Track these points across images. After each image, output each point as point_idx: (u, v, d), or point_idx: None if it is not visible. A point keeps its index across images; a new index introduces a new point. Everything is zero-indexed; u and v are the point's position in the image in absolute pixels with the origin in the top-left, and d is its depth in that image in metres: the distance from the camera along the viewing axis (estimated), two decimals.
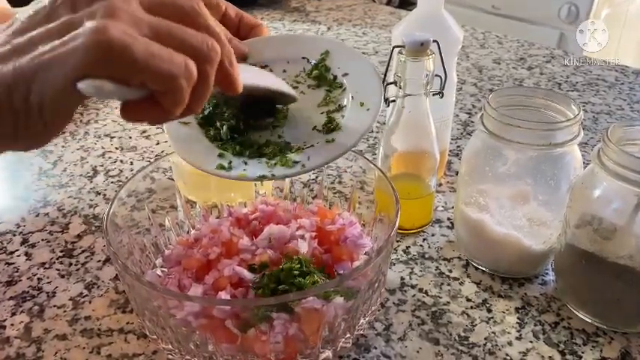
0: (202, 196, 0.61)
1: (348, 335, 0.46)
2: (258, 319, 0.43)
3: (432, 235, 0.63)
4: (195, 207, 0.60)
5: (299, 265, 0.46)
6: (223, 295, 0.46)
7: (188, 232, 0.58)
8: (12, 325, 0.51)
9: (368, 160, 0.56)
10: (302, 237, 0.51)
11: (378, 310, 0.51)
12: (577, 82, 1.01)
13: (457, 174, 0.73)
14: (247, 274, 0.47)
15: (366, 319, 0.47)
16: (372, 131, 0.85)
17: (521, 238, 0.53)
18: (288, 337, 0.43)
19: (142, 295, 0.44)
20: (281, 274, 0.46)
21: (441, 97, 0.57)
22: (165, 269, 0.53)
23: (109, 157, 0.78)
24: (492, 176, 0.53)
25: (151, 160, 0.77)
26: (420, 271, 0.57)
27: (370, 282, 0.45)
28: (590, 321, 0.51)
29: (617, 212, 0.46)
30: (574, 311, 0.51)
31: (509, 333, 0.50)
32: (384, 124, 0.65)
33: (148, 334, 0.46)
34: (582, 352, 0.48)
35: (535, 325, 0.51)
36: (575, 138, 0.50)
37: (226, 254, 0.50)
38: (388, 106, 0.58)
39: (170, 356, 0.46)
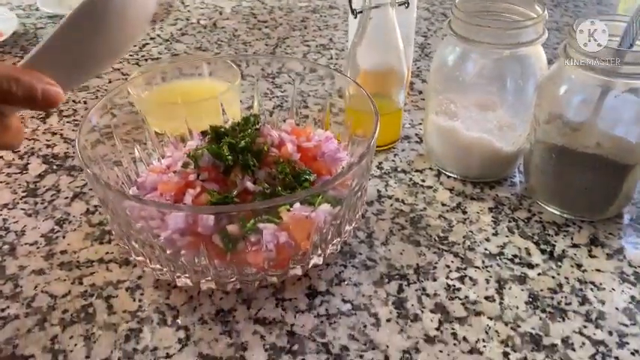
0: (170, 127, 0.59)
1: (336, 240, 0.46)
2: (246, 231, 0.43)
3: (402, 150, 0.63)
4: (163, 138, 0.58)
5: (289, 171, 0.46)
6: (205, 216, 0.45)
7: (159, 161, 0.57)
8: None
9: (342, 73, 0.56)
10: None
11: (360, 220, 0.52)
12: None
13: (420, 93, 0.74)
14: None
15: (352, 225, 0.47)
16: (334, 57, 0.84)
17: (492, 141, 0.54)
18: (280, 245, 0.43)
19: (125, 218, 0.43)
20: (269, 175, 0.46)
21: (407, 7, 0.57)
22: (140, 196, 0.52)
23: None
24: (461, 83, 0.54)
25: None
26: (395, 183, 0.58)
27: (354, 188, 0.45)
28: (559, 213, 0.53)
29: (584, 104, 0.48)
30: (544, 206, 0.54)
31: (485, 230, 0.52)
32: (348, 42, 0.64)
33: (134, 256, 0.45)
34: (555, 242, 0.51)
35: (509, 221, 0.53)
36: (540, 37, 0.51)
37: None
38: (355, 17, 0.57)
39: (161, 275, 0.45)
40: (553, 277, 0.47)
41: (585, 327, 0.43)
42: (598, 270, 0.48)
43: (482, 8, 0.55)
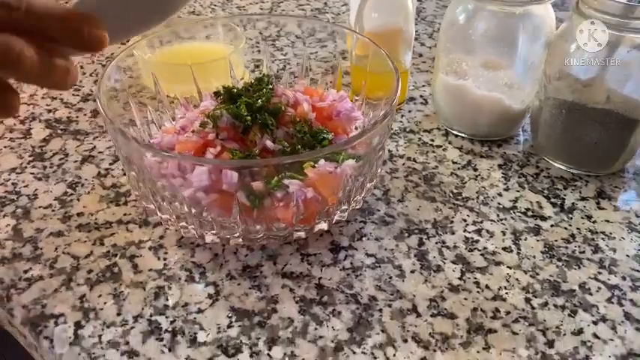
0: (178, 89, 0.59)
1: (359, 197, 0.47)
2: (271, 187, 0.43)
3: (409, 111, 0.64)
4: (173, 100, 0.58)
5: (307, 130, 0.46)
6: (229, 172, 0.45)
7: (170, 121, 0.56)
8: None
9: (352, 30, 0.56)
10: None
11: (378, 178, 0.53)
12: None
13: (420, 56, 0.74)
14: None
15: (372, 182, 0.48)
16: (330, 22, 0.84)
17: (502, 99, 0.56)
18: (307, 200, 0.43)
19: (150, 175, 0.43)
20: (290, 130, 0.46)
21: None
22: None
23: None
24: (472, 42, 0.55)
25: (103, 63, 0.72)
26: (405, 143, 0.59)
27: (377, 145, 0.45)
28: (565, 168, 0.55)
29: (595, 60, 0.49)
30: (551, 162, 0.56)
31: (496, 186, 0.53)
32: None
33: (159, 214, 0.45)
34: (564, 196, 0.52)
35: (519, 177, 0.55)
36: None
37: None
38: None
39: (186, 233, 0.45)
40: (565, 228, 0.49)
41: (600, 273, 0.45)
42: (607, 221, 0.50)
43: None
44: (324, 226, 0.46)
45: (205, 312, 0.42)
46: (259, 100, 0.50)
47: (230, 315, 0.41)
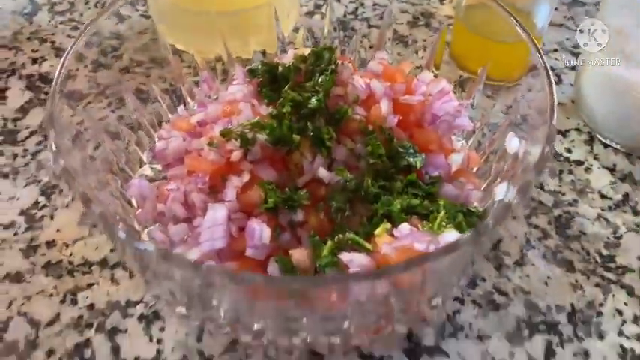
0: (199, 44, 0.41)
1: (462, 281, 0.30)
2: (322, 265, 0.27)
3: (529, 91, 0.44)
4: (190, 64, 0.40)
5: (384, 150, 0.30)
6: (257, 228, 0.28)
7: (184, 103, 0.39)
8: None
9: None
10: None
11: None
12: None
13: None
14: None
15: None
16: None
17: None
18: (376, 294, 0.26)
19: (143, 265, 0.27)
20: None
21: None
22: (158, 167, 0.35)
23: None
24: None
25: None
26: None
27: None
28: None
29: None
30: None
31: None
32: None
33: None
34: None
35: None
36: None
37: None
38: None
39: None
40: None
41: None
42: None
43: None
44: (401, 329, 0.29)
45: None
46: (314, 99, 0.32)
47: None
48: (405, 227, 0.28)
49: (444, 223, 0.28)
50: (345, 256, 0.27)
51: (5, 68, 0.46)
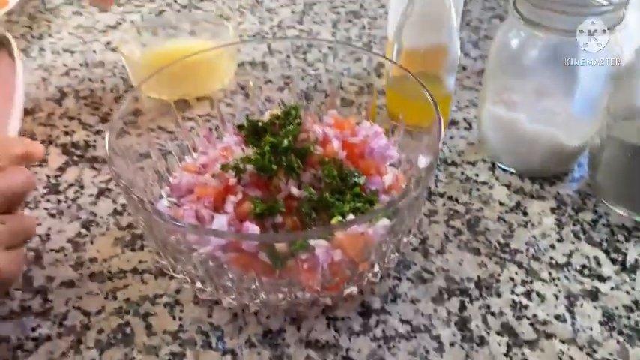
0: (175, 93, 0.54)
1: (394, 256, 0.42)
2: (296, 249, 0.39)
3: (451, 138, 0.58)
4: (194, 125, 0.54)
5: (337, 173, 0.42)
6: (250, 227, 0.41)
7: (190, 154, 0.52)
8: None
9: (383, 56, 0.50)
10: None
11: (417, 228, 0.48)
12: None
13: (464, 69, 0.68)
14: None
15: (410, 236, 0.43)
16: (366, 27, 0.78)
17: (557, 135, 0.49)
18: (334, 264, 0.39)
19: (162, 232, 0.39)
20: (315, 197, 0.41)
21: None
22: (174, 199, 0.48)
23: (75, 76, 0.69)
24: (525, 70, 0.48)
25: (124, 76, 0.68)
26: (446, 177, 0.54)
27: (416, 197, 0.40)
28: (627, 215, 0.49)
29: None
30: (611, 207, 0.49)
31: (549, 236, 0.48)
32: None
33: (172, 273, 0.41)
34: (626, 249, 0.47)
35: (574, 224, 0.49)
36: (620, 22, 0.45)
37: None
38: None
39: (203, 295, 0.41)
40: (627, 293, 0.43)
41: None
42: None
43: None
44: (353, 290, 0.41)
45: None
46: (285, 141, 0.45)
47: None
48: (351, 217, 0.40)
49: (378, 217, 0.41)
50: (312, 242, 0.39)
51: (44, 140, 0.59)
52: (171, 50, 0.68)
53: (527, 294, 0.43)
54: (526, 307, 0.42)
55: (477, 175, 0.54)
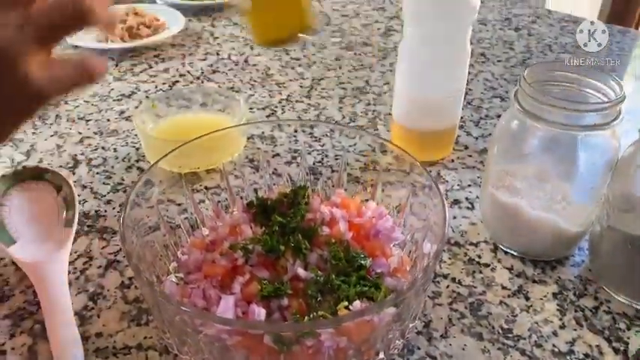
0: (186, 165, 0.56)
1: (399, 342, 0.42)
2: (302, 335, 0.39)
3: (454, 217, 0.60)
4: (204, 199, 0.55)
5: (343, 255, 0.43)
6: (257, 309, 0.41)
7: (199, 227, 0.53)
8: (13, 348, 0.46)
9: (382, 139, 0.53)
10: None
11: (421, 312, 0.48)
12: (566, 44, 1.00)
13: (466, 148, 0.70)
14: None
15: (415, 321, 0.44)
16: (372, 103, 0.81)
17: (558, 221, 0.51)
18: (339, 350, 0.39)
19: (169, 313, 0.40)
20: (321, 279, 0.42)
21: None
22: (182, 275, 0.48)
23: (89, 144, 0.71)
24: (526, 158, 0.50)
25: (136, 146, 0.70)
26: (449, 258, 0.55)
27: (422, 283, 0.41)
28: (628, 303, 0.49)
29: None
30: (612, 294, 0.50)
31: (551, 322, 0.48)
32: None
33: (177, 352, 0.41)
34: (628, 338, 0.47)
35: (575, 311, 0.49)
36: (618, 117, 0.47)
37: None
38: None
39: None
40: None
41: None
42: None
43: (550, 78, 0.51)
44: None
45: None
46: (293, 221, 0.47)
47: None
48: (357, 304, 0.41)
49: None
50: (320, 330, 0.40)
51: None
52: (184, 122, 0.70)
53: None
54: None
55: (479, 257, 0.55)
